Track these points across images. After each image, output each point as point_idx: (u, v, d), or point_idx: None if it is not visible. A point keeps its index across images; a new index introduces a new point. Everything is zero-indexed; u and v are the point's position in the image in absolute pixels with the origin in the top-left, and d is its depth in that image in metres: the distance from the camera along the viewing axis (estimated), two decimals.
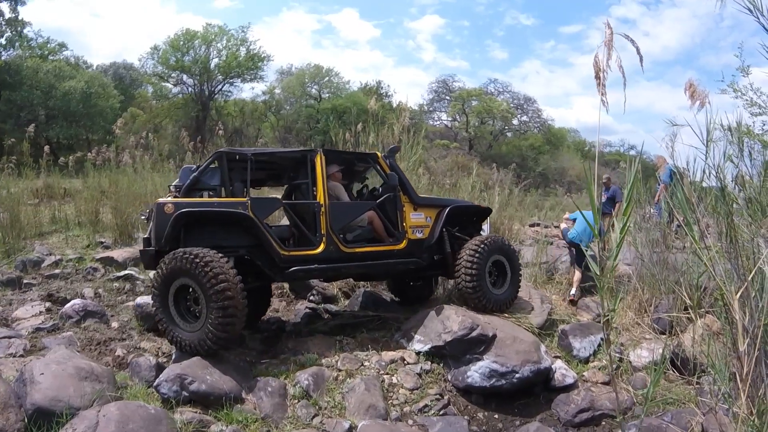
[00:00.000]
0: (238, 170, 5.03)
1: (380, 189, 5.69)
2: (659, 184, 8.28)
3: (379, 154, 5.60)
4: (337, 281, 6.66)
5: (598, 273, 2.25)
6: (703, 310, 4.91)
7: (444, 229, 5.59)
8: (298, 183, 5.36)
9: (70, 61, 29.82)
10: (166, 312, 4.32)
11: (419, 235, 5.47)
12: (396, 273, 5.49)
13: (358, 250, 5.14)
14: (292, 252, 4.85)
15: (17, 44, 25.90)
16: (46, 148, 10.22)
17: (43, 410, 3.23)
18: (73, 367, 3.60)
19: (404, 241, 5.35)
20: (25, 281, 6.21)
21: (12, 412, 3.12)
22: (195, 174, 4.79)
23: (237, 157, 4.99)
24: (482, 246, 5.38)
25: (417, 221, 5.51)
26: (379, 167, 5.54)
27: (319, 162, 5.12)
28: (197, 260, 4.12)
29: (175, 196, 4.68)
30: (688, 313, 5.09)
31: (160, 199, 4.62)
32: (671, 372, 4.84)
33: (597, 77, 2.34)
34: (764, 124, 4.96)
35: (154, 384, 3.84)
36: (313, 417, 3.92)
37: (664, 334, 5.47)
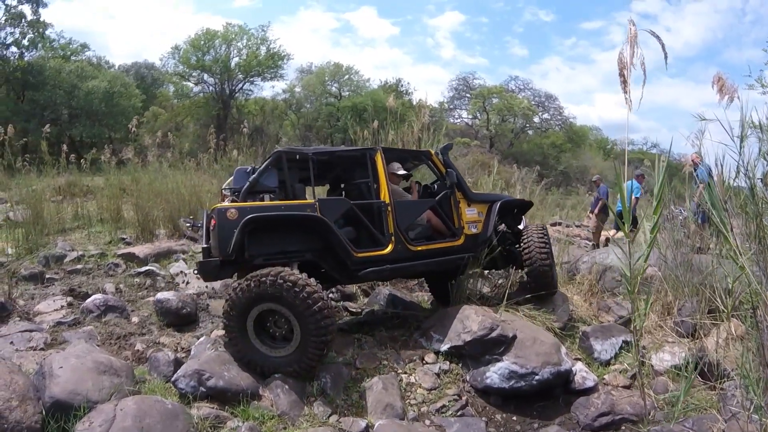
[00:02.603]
0: (295, 170, 4.98)
1: (435, 186, 5.81)
2: (696, 183, 8.06)
3: (432, 151, 5.65)
4: None
5: (628, 274, 2.17)
6: (727, 313, 4.77)
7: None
8: (357, 182, 5.28)
9: (92, 61, 30.54)
10: (244, 339, 4.07)
11: (474, 230, 5.58)
12: (454, 268, 5.43)
13: (423, 247, 5.14)
14: (363, 253, 4.77)
15: (39, 45, 26.48)
16: (64, 146, 10.37)
17: (61, 403, 3.24)
18: (92, 360, 3.62)
19: (462, 237, 5.43)
20: (47, 276, 6.31)
21: (30, 404, 3.14)
22: (254, 176, 4.64)
23: (297, 156, 4.92)
24: (544, 231, 5.72)
25: (471, 217, 5.62)
26: (432, 164, 5.61)
27: (380, 160, 5.09)
28: (289, 284, 3.94)
29: (232, 200, 4.56)
30: (713, 317, 4.95)
31: (220, 205, 4.38)
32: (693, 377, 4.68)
33: (621, 75, 2.26)
34: None
35: (172, 379, 3.84)
36: (330, 415, 3.88)
37: (686, 337, 5.32)
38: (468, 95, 39.76)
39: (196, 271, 4.67)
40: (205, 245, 4.59)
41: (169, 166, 9.60)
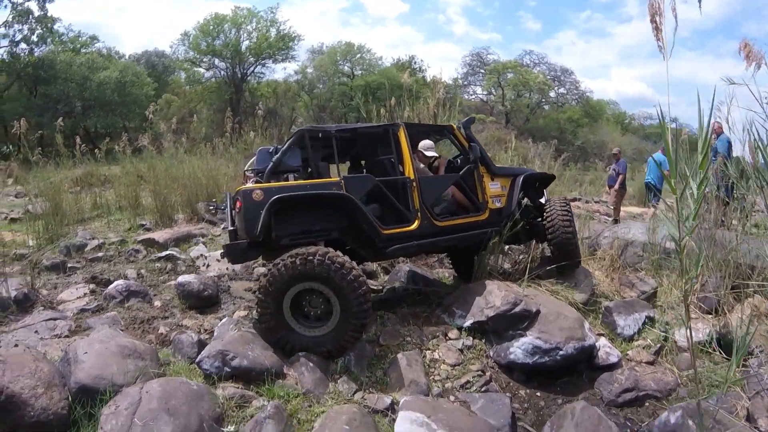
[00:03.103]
0: (318, 149, 4.93)
1: (458, 161, 5.77)
2: (713, 155, 7.83)
3: (454, 125, 5.57)
4: None
5: (678, 237, 2.06)
6: (751, 290, 4.65)
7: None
8: (381, 159, 5.22)
9: (102, 52, 30.62)
10: (279, 317, 4.04)
11: (498, 205, 5.56)
12: (478, 243, 5.40)
13: (448, 223, 5.12)
14: (390, 230, 4.74)
15: (49, 40, 26.63)
16: (78, 138, 10.45)
17: (86, 388, 3.24)
18: (116, 345, 3.63)
19: (486, 212, 5.41)
20: (69, 265, 6.37)
21: (56, 390, 3.16)
22: (278, 156, 4.60)
23: (320, 135, 4.86)
24: (567, 203, 5.70)
25: (495, 191, 5.59)
26: (454, 138, 5.59)
27: (403, 136, 5.03)
28: (337, 265, 3.96)
29: (256, 181, 4.52)
30: (737, 292, 4.83)
31: (245, 187, 4.34)
32: (716, 353, 4.61)
33: (653, 22, 2.12)
34: None
35: (196, 360, 3.85)
36: (355, 392, 3.88)
37: (710, 313, 5.23)
38: (482, 71, 39.14)
39: (222, 254, 4.65)
40: (231, 228, 4.52)
41: (185, 152, 9.61)
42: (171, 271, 6.40)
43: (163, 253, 6.78)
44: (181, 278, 5.55)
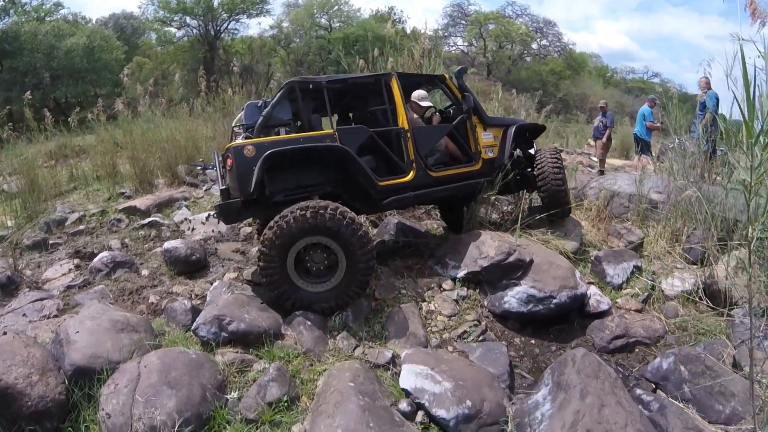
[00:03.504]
0: (309, 101, 4.76)
1: (450, 111, 5.70)
2: (701, 111, 7.81)
3: (446, 75, 5.46)
4: None
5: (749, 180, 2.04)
6: (736, 242, 4.72)
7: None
8: (373, 109, 5.08)
9: (68, 19, 28.99)
10: (283, 273, 3.93)
11: (491, 155, 5.52)
12: (471, 193, 5.38)
13: (442, 173, 5.07)
14: (386, 182, 4.64)
15: (12, 11, 25.12)
16: (46, 110, 10.00)
17: (82, 369, 3.12)
18: (108, 320, 3.51)
19: (480, 162, 5.38)
20: (50, 242, 6.18)
21: (51, 376, 3.03)
22: (268, 110, 4.42)
23: (310, 86, 4.66)
24: (557, 153, 5.72)
25: (488, 141, 5.54)
26: (447, 89, 5.47)
27: (396, 86, 4.89)
28: (349, 220, 3.90)
29: (246, 137, 4.34)
30: (722, 244, 4.91)
31: (236, 143, 4.17)
32: (702, 303, 4.72)
33: None
34: None
35: (192, 328, 3.77)
36: (355, 348, 3.87)
37: (695, 264, 5.34)
38: (463, 22, 38.22)
39: (215, 215, 4.53)
40: (223, 187, 4.35)
41: (161, 115, 9.27)
42: (156, 237, 6.28)
43: (146, 220, 6.64)
44: (167, 244, 5.44)
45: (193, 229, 6.48)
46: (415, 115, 5.29)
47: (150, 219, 6.66)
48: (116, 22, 33.13)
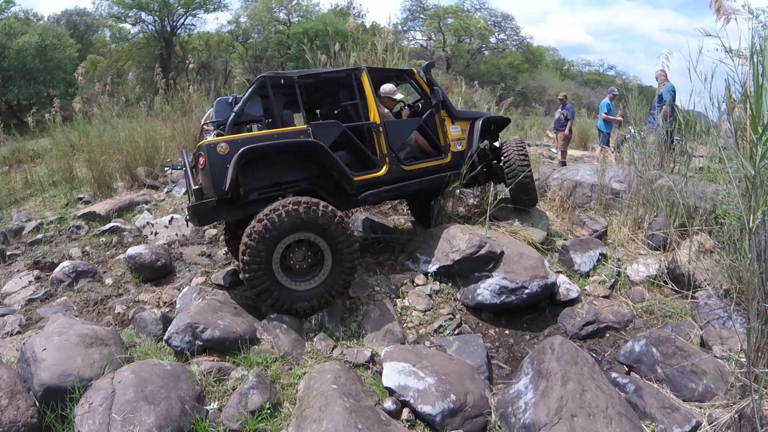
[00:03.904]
0: (280, 96, 4.66)
1: (419, 105, 5.77)
2: (657, 102, 8.07)
3: (415, 70, 5.46)
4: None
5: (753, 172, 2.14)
6: (696, 228, 4.93)
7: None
8: (346, 104, 5.05)
9: (19, 16, 27.48)
10: (268, 269, 3.83)
11: (459, 148, 5.57)
12: (442, 186, 5.40)
13: (414, 167, 5.09)
14: (361, 177, 4.60)
15: None
16: None
17: (53, 389, 2.96)
18: (76, 335, 3.35)
19: (449, 155, 5.43)
20: (8, 253, 5.94)
21: (21, 398, 2.85)
22: (239, 105, 4.29)
23: (282, 81, 4.56)
24: (523, 145, 5.81)
25: (456, 134, 5.59)
26: (415, 83, 5.50)
27: (366, 80, 4.86)
28: (335, 215, 3.91)
29: (218, 134, 4.19)
30: (683, 230, 5.12)
31: (209, 141, 4.03)
32: (667, 286, 4.89)
33: None
34: None
35: (165, 338, 3.64)
36: (333, 348, 3.83)
37: (658, 250, 5.53)
38: (422, 16, 38.37)
39: (188, 217, 4.37)
40: (196, 187, 4.17)
41: (118, 115, 8.93)
42: (118, 244, 6.09)
43: (107, 226, 6.43)
44: (131, 250, 5.29)
45: (156, 233, 6.31)
46: (386, 110, 5.28)
47: (111, 224, 6.45)
48: (69, 19, 31.63)
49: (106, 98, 9.12)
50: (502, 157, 5.74)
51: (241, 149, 3.89)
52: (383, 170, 4.79)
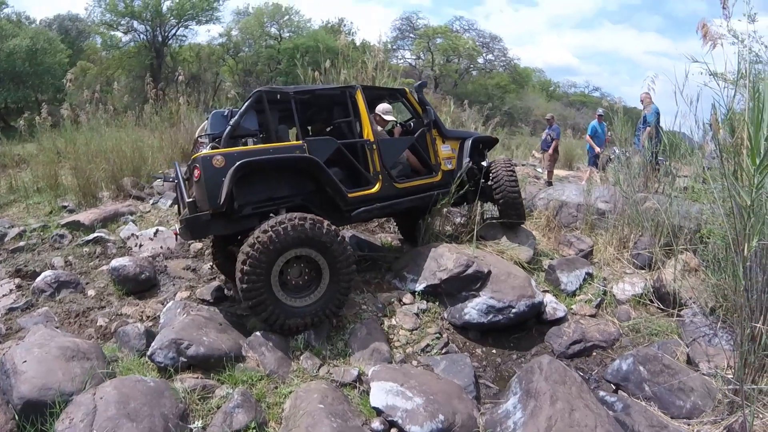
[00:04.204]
0: (275, 111, 4.66)
1: (411, 124, 5.85)
2: (642, 124, 8.24)
3: (407, 89, 5.56)
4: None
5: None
6: (681, 247, 5.02)
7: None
8: (340, 121, 5.09)
9: (11, 18, 27.20)
10: (266, 283, 3.78)
11: (449, 166, 5.65)
12: (433, 204, 5.43)
13: (406, 185, 5.15)
14: (354, 193, 4.62)
15: None
16: None
17: (32, 402, 2.88)
18: (57, 347, 3.27)
19: (440, 173, 5.50)
20: None
21: (0, 412, 2.79)
22: (236, 119, 4.27)
23: (278, 96, 4.58)
24: (511, 164, 5.87)
25: (446, 153, 5.68)
26: (407, 102, 5.60)
27: (361, 98, 4.91)
28: (334, 232, 3.92)
29: (213, 147, 4.16)
30: (668, 250, 5.20)
31: (205, 153, 4.00)
32: (652, 305, 4.95)
33: None
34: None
35: (148, 353, 3.57)
36: (319, 367, 3.78)
37: (643, 269, 5.61)
38: (412, 35, 38.92)
39: (180, 230, 4.31)
40: (189, 200, 4.09)
41: (105, 124, 8.85)
42: (101, 255, 6.00)
43: (91, 236, 6.33)
44: (115, 262, 5.21)
45: (140, 245, 6.22)
46: (379, 128, 5.33)
47: (95, 235, 6.36)
48: (61, 24, 31.36)
49: (93, 106, 9.02)
50: (491, 175, 5.81)
51: (238, 163, 3.88)
52: (376, 187, 4.83)
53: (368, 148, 4.86)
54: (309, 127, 5.82)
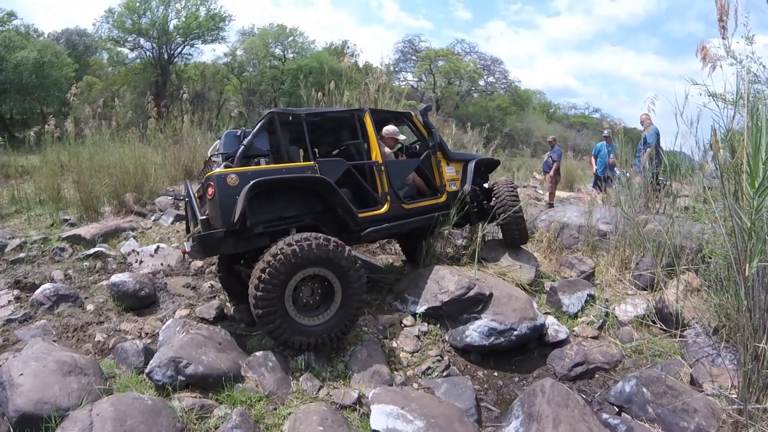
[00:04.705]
0: (286, 132, 4.72)
1: (417, 146, 5.99)
2: (642, 145, 8.29)
3: (413, 113, 5.74)
4: None
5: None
6: (683, 267, 5.00)
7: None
8: (347, 143, 5.18)
9: (20, 30, 27.59)
10: (280, 304, 3.79)
11: (454, 188, 5.76)
12: (434, 225, 5.49)
13: (413, 205, 5.24)
14: (364, 214, 4.67)
15: None
16: None
17: (28, 416, 2.87)
18: (54, 361, 3.24)
19: (444, 194, 5.62)
20: None
21: None
22: (249, 139, 4.33)
23: (290, 118, 4.65)
24: (513, 185, 5.98)
25: (450, 175, 5.80)
26: (413, 125, 5.70)
27: (369, 120, 5.03)
28: (353, 258, 3.98)
29: (226, 166, 4.20)
30: (670, 270, 5.19)
31: (218, 171, 4.05)
32: (655, 326, 4.90)
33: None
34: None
35: (147, 371, 3.53)
36: (319, 389, 3.74)
37: (645, 290, 5.59)
38: (414, 58, 39.50)
39: (193, 248, 4.28)
40: (203, 217, 4.12)
41: (110, 139, 8.90)
42: (101, 270, 5.96)
43: (91, 251, 6.30)
44: (115, 277, 5.19)
45: (141, 261, 6.20)
46: (387, 150, 5.41)
47: (95, 249, 6.32)
48: (68, 38, 31.80)
49: (97, 121, 9.08)
50: (494, 197, 5.88)
51: (252, 182, 3.92)
52: (385, 208, 4.91)
53: (377, 170, 4.96)
54: (315, 149, 5.87)
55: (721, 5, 2.16)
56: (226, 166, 4.22)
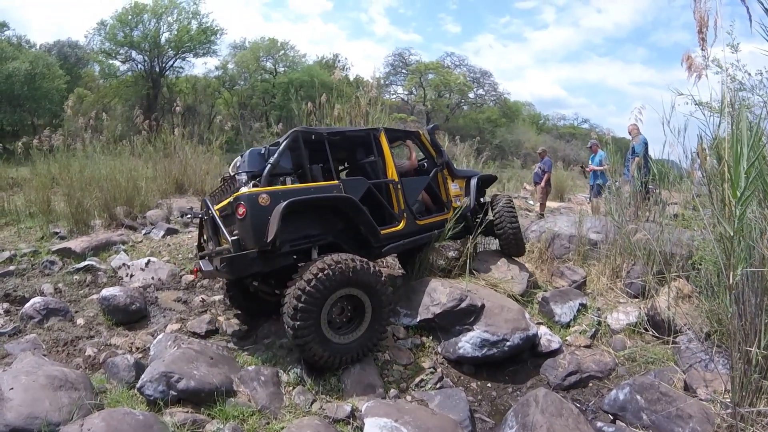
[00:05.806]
0: (308, 151, 4.74)
1: (425, 164, 6.14)
2: (631, 155, 8.40)
3: (421, 132, 5.92)
4: None
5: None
6: (674, 274, 5.05)
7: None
8: (364, 162, 5.32)
9: (11, 41, 27.51)
10: (316, 326, 3.81)
11: (458, 203, 5.92)
12: (436, 239, 5.61)
13: (426, 221, 5.41)
14: (384, 230, 4.83)
15: None
16: None
17: (18, 431, 2.84)
18: (45, 376, 3.22)
19: (451, 210, 5.76)
20: None
21: None
22: (275, 158, 4.35)
23: (313, 137, 4.70)
24: (511, 200, 6.16)
25: (455, 191, 6.02)
26: (420, 143, 5.89)
27: (384, 139, 5.17)
28: (381, 273, 4.11)
29: (255, 185, 4.19)
30: (661, 278, 5.24)
31: (249, 190, 4.04)
32: (647, 333, 4.95)
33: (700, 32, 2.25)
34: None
35: (138, 386, 3.50)
36: (312, 403, 3.72)
37: (637, 297, 5.63)
38: (404, 71, 39.89)
39: (223, 268, 4.22)
40: (233, 237, 4.05)
41: (100, 151, 8.86)
42: (92, 283, 5.92)
43: (82, 264, 6.26)
44: (105, 291, 5.15)
45: (131, 275, 6.15)
46: (407, 162, 5.67)
47: (86, 263, 6.28)
48: (60, 50, 31.82)
49: (90, 133, 9.05)
50: (493, 211, 6.01)
51: (287, 201, 3.95)
52: (402, 224, 5.04)
53: (393, 187, 5.09)
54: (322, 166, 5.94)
55: (700, 17, 2.22)
56: (254, 185, 4.21)
